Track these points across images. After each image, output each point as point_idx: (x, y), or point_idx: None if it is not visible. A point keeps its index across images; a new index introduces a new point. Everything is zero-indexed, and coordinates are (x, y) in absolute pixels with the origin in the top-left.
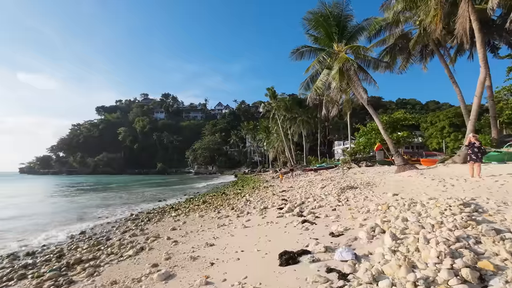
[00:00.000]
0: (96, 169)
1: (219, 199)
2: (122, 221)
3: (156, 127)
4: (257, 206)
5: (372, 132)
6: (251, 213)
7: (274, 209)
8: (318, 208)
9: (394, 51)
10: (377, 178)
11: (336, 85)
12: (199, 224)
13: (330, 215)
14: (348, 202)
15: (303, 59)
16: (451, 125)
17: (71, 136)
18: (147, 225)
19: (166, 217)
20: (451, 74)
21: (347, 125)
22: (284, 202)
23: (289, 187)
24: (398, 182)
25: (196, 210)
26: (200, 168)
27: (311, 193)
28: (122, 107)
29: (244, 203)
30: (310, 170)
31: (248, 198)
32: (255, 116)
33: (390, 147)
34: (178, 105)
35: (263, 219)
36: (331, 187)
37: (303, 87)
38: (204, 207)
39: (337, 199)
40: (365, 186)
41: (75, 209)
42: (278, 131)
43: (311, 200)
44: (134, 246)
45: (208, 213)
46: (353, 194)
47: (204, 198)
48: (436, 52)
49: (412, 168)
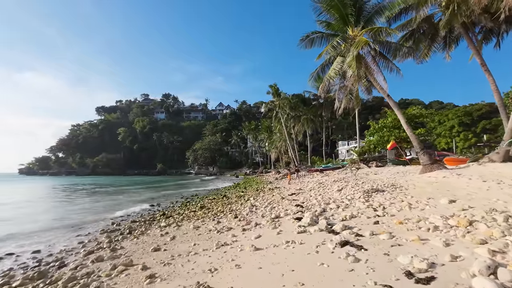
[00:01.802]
0: (95, 170)
1: (219, 203)
2: (97, 233)
3: (156, 127)
4: (266, 213)
5: (384, 130)
6: (260, 225)
7: (289, 218)
8: (351, 220)
9: (417, 36)
10: (400, 179)
11: (353, 73)
12: (192, 241)
13: (376, 231)
14: (386, 211)
15: (313, 46)
16: (461, 124)
17: (71, 136)
18: (124, 241)
19: (153, 228)
20: (483, 61)
21: (352, 124)
22: (299, 209)
23: (297, 189)
24: (434, 184)
25: (191, 218)
26: (200, 168)
27: (329, 197)
28: (122, 107)
29: (249, 209)
30: (315, 171)
31: (253, 202)
32: (256, 117)
33: (414, 144)
34: (178, 105)
35: (279, 235)
36: (350, 190)
37: (313, 78)
38: (201, 214)
39: (369, 205)
40: (392, 189)
41: (52, 215)
42: (281, 130)
43: (333, 206)
44: (87, 286)
45: (205, 223)
46: (385, 199)
47: (202, 202)
48: (465, 36)
49: (441, 168)
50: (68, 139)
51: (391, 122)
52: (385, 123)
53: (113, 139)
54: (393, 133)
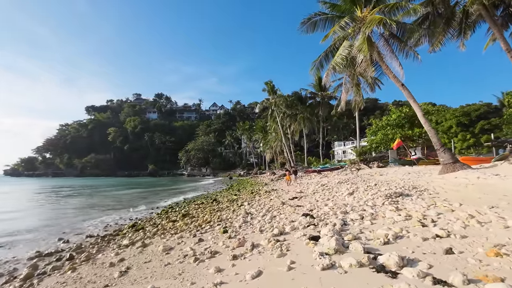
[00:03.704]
0: (84, 171)
1: (207, 210)
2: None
3: (148, 127)
4: (266, 226)
5: (388, 128)
6: (258, 248)
7: (300, 236)
8: (397, 242)
9: (433, 19)
10: (417, 180)
11: (364, 57)
12: (152, 279)
13: (468, 273)
14: (441, 226)
15: (316, 30)
16: (459, 124)
17: (59, 136)
18: (52, 275)
19: (108, 249)
20: (508, 47)
21: (347, 125)
22: (309, 220)
23: (298, 192)
24: (471, 187)
25: (167, 232)
26: (193, 169)
27: (343, 203)
28: (113, 107)
29: (243, 218)
30: (313, 172)
31: (247, 209)
32: (251, 117)
33: (434, 140)
34: (171, 105)
35: (291, 271)
36: (365, 193)
37: (315, 67)
38: (181, 225)
39: (407, 216)
40: (418, 192)
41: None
42: (276, 129)
43: (355, 216)
44: None
45: (182, 241)
46: (421, 206)
47: (187, 207)
48: (487, 18)
49: (465, 167)
50: (55, 139)
51: (395, 119)
52: (389, 121)
53: (103, 139)
54: (397, 131)
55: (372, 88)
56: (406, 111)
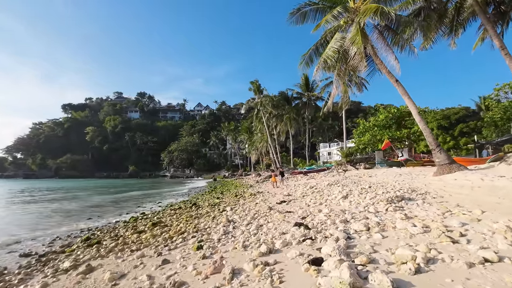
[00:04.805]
0: (58, 172)
1: (183, 217)
2: None
3: (129, 127)
4: (251, 240)
5: (375, 128)
6: (240, 275)
7: (295, 256)
8: (431, 269)
9: (426, 13)
10: (412, 182)
11: (357, 49)
12: None
13: None
14: (469, 238)
15: (306, 22)
16: (439, 127)
17: (31, 135)
18: None
19: (35, 279)
20: (502, 44)
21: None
22: (304, 232)
23: (285, 195)
24: (479, 190)
25: (128, 247)
26: (176, 171)
27: (342, 209)
28: (92, 105)
29: (223, 227)
30: (299, 173)
31: (230, 215)
32: (236, 118)
33: (429, 140)
34: (154, 104)
35: None
36: (361, 197)
37: (304, 62)
38: (147, 238)
39: (424, 227)
40: (419, 196)
41: None
42: (262, 130)
43: (359, 226)
44: None
45: (141, 264)
46: (435, 213)
47: (162, 213)
48: (480, 15)
49: (462, 169)
50: (28, 138)
51: (383, 120)
52: (377, 121)
53: (80, 139)
54: (385, 132)
55: (359, 89)
56: (394, 111)
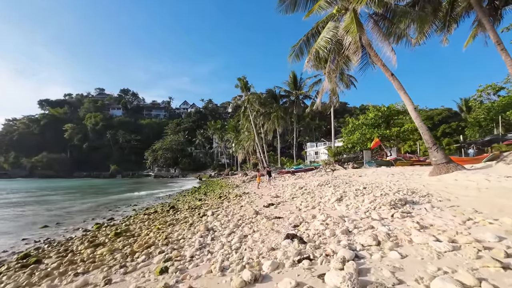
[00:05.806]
0: (33, 171)
1: (156, 223)
2: None
3: (111, 124)
4: (232, 258)
5: (364, 127)
6: None
7: (291, 286)
8: None
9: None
10: (408, 183)
11: (352, 39)
12: None
13: None
14: (506, 254)
15: (296, 10)
16: None
17: (4, 132)
18: None
19: None
20: (498, 39)
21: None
22: (299, 248)
23: (273, 196)
24: (486, 191)
25: (72, 269)
26: (160, 170)
27: (340, 215)
28: (72, 101)
29: (199, 238)
30: (287, 173)
31: (211, 221)
32: (223, 117)
33: (425, 137)
34: (138, 102)
35: None
36: (356, 200)
37: (294, 54)
38: (103, 254)
39: (454, 244)
40: (422, 198)
41: None
42: (249, 128)
43: (366, 240)
44: None
45: None
46: (455, 224)
47: (131, 220)
48: (476, 7)
49: (459, 168)
50: (0, 135)
51: (372, 118)
52: (366, 120)
53: (58, 136)
54: (374, 130)
55: (347, 85)
56: (383, 110)
